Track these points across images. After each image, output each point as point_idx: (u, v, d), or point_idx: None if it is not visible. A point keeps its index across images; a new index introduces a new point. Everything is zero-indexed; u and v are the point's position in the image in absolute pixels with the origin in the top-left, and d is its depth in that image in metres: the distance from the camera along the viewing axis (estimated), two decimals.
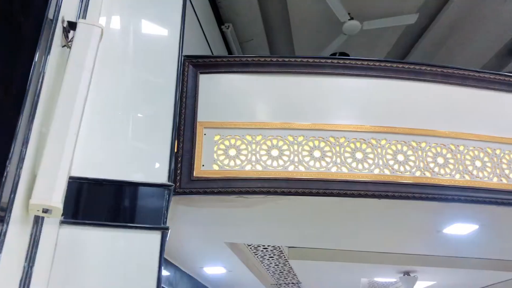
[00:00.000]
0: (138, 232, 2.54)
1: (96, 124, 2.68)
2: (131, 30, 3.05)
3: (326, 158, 2.89)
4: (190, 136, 2.90)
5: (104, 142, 2.68)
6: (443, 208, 3.02)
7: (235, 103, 3.05)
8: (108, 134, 2.70)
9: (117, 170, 2.62)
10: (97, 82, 2.73)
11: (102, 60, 2.81)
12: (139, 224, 2.54)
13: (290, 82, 3.15)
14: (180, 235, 3.66)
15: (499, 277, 5.36)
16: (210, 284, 5.57)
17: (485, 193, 2.92)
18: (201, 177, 2.82)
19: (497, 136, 3.11)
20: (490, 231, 3.49)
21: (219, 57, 3.20)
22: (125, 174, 2.62)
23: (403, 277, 4.90)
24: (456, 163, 2.97)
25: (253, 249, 4.68)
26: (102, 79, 2.78)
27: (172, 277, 4.37)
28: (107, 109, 2.75)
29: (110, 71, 2.85)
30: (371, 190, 2.82)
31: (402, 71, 3.20)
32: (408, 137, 2.99)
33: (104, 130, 2.70)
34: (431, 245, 3.89)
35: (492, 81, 3.28)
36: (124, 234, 2.53)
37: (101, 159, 2.63)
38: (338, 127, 2.98)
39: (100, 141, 2.67)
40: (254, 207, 3.03)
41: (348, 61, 3.19)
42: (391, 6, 6.31)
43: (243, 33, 7.03)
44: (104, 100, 2.76)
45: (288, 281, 5.99)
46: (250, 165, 2.86)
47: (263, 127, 2.96)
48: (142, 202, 2.60)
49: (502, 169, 3.02)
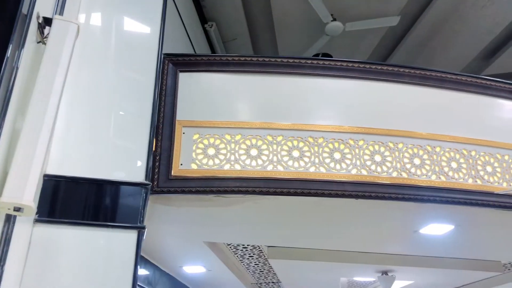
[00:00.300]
0: (114, 231, 2.52)
1: (74, 122, 2.65)
2: (112, 27, 3.02)
3: (305, 158, 2.91)
4: (168, 135, 2.89)
5: (81, 140, 2.65)
6: (419, 208, 3.05)
7: (215, 102, 3.05)
8: (85, 131, 2.67)
9: (94, 168, 2.60)
10: (77, 79, 2.71)
11: (82, 56, 2.79)
12: (115, 223, 2.52)
13: (270, 82, 3.16)
14: (159, 234, 3.64)
15: (475, 276, 5.45)
16: (190, 283, 5.56)
17: (460, 194, 2.97)
18: (179, 176, 2.81)
19: (472, 138, 3.16)
20: (465, 232, 3.54)
21: (199, 56, 3.20)
22: (102, 172, 2.60)
23: (381, 276, 4.95)
24: (432, 164, 3.01)
25: (233, 249, 4.68)
26: (82, 76, 2.75)
27: (151, 277, 4.34)
28: (86, 106, 2.72)
29: (90, 68, 2.82)
30: (348, 190, 2.84)
31: (381, 72, 3.23)
32: (385, 138, 3.03)
33: (82, 128, 2.67)
34: (408, 245, 3.93)
35: (468, 83, 3.34)
36: (100, 233, 2.51)
37: (79, 157, 2.60)
38: (317, 128, 3.00)
39: (78, 139, 2.64)
40: (233, 207, 3.03)
41: (327, 62, 3.22)
42: (374, 8, 6.37)
43: (226, 32, 7.02)
44: (83, 97, 2.73)
45: (268, 281, 6.00)
46: (229, 164, 2.85)
47: (243, 127, 2.96)
48: (118, 201, 2.58)
49: (477, 170, 3.07)
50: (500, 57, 7.18)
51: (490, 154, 3.16)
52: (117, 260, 2.45)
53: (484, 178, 3.07)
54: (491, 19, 6.40)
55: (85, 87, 2.76)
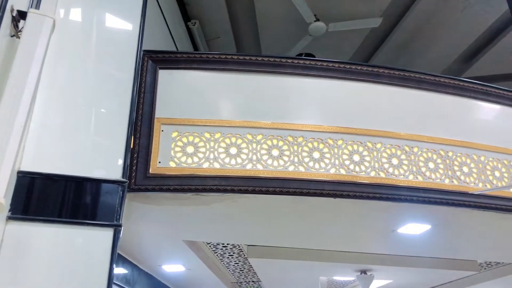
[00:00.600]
0: (89, 229, 2.48)
1: (51, 118, 2.61)
2: (92, 23, 2.98)
3: (284, 157, 2.91)
4: (147, 132, 2.87)
5: (58, 136, 2.61)
6: (397, 208, 3.08)
7: (195, 100, 3.03)
8: (62, 128, 2.63)
9: (70, 165, 2.56)
10: (54, 74, 2.67)
11: (60, 52, 2.76)
12: (90, 220, 2.49)
13: (251, 80, 3.16)
14: (137, 232, 3.61)
15: (452, 275, 5.53)
16: (170, 282, 5.52)
17: (437, 194, 3.00)
18: (157, 174, 2.79)
19: (450, 139, 3.21)
20: (442, 231, 3.59)
21: (179, 53, 3.17)
22: (78, 169, 2.56)
23: (360, 275, 4.98)
24: (410, 164, 3.04)
25: (213, 247, 4.66)
26: (60, 72, 2.72)
27: (129, 275, 4.30)
28: (63, 102, 2.69)
29: (69, 63, 2.78)
30: (326, 189, 2.85)
31: (361, 73, 3.25)
32: (364, 137, 3.05)
33: (59, 124, 2.63)
34: (386, 244, 3.97)
35: (447, 85, 3.38)
36: (75, 230, 2.47)
37: (55, 154, 2.56)
38: (297, 127, 3.01)
39: (55, 136, 2.60)
40: (212, 205, 3.02)
41: (308, 61, 3.22)
42: (356, 9, 6.42)
43: (210, 31, 7.00)
44: (61, 93, 2.70)
45: (249, 279, 6.00)
46: (208, 162, 2.84)
47: (222, 125, 2.95)
48: (94, 198, 2.54)
49: (454, 171, 3.12)
50: (479, 59, 7.30)
51: (466, 155, 3.20)
52: (92, 259, 2.42)
53: (461, 178, 3.11)
54: (471, 22, 6.50)
55: (64, 83, 2.72)
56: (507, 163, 3.28)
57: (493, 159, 3.27)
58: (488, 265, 5.30)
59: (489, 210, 3.06)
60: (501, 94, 3.49)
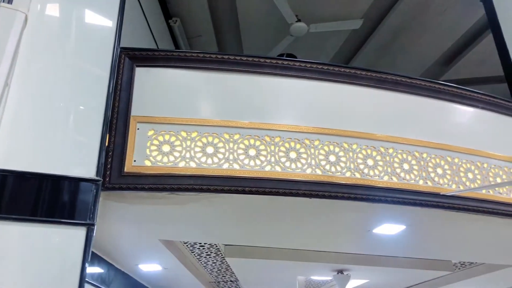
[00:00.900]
0: (62, 228, 2.45)
1: (25, 115, 2.57)
2: (70, 18, 2.94)
3: (261, 156, 2.91)
4: (122, 130, 2.84)
5: (31, 133, 2.57)
6: (372, 208, 3.11)
7: (172, 99, 3.01)
8: (36, 125, 2.59)
9: (44, 163, 2.52)
10: (29, 70, 2.63)
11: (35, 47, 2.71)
12: (63, 219, 2.46)
13: (230, 79, 3.15)
14: (113, 231, 3.57)
15: (427, 275, 5.61)
16: (147, 281, 5.48)
17: (411, 195, 3.04)
18: (132, 173, 2.76)
19: (425, 141, 3.25)
20: (416, 232, 3.63)
21: (156, 51, 3.14)
22: (51, 167, 2.53)
23: (336, 275, 5.02)
24: (385, 165, 3.08)
25: (190, 247, 4.64)
26: (35, 67, 2.67)
27: (105, 275, 4.25)
28: (38, 98, 2.64)
29: (44, 59, 2.74)
30: (302, 189, 2.86)
31: (338, 74, 3.27)
32: (340, 138, 3.07)
33: (33, 121, 2.59)
34: (362, 244, 4.00)
35: (423, 87, 3.42)
36: (47, 229, 2.44)
37: (27, 151, 2.52)
38: (275, 127, 3.01)
39: (28, 133, 2.56)
40: (188, 205, 3.00)
41: (286, 62, 3.23)
42: (338, 11, 6.47)
43: (191, 29, 6.98)
44: (36, 89, 2.65)
45: (227, 279, 5.99)
46: (184, 162, 2.82)
47: (199, 124, 2.93)
48: (67, 196, 2.51)
49: (428, 172, 3.16)
50: (458, 62, 7.42)
51: (441, 156, 3.25)
52: (64, 258, 2.39)
53: (435, 179, 3.15)
54: (449, 25, 6.62)
55: (39, 79, 2.68)
56: (480, 165, 3.34)
57: (467, 161, 3.32)
58: (462, 265, 5.39)
59: (462, 211, 3.11)
60: (476, 97, 3.56)
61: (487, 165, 3.38)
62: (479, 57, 6.99)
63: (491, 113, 3.62)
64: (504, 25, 5.22)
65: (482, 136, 3.49)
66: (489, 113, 3.61)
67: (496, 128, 3.62)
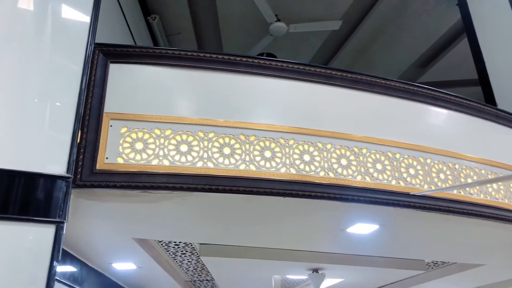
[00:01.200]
0: (31, 225, 2.42)
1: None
2: (46, 12, 2.89)
3: (236, 155, 2.90)
4: (95, 127, 2.80)
5: (1, 128, 2.51)
6: (345, 208, 3.13)
7: (146, 96, 2.98)
8: (6, 120, 2.55)
9: (14, 159, 2.48)
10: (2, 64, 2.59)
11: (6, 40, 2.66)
12: (31, 216, 2.43)
13: (205, 77, 3.13)
14: (85, 229, 3.52)
15: (401, 275, 5.68)
16: (121, 280, 5.42)
17: (384, 194, 3.08)
18: (104, 170, 2.73)
19: (398, 141, 3.28)
20: (389, 231, 3.67)
21: (131, 47, 3.10)
22: (20, 163, 2.49)
23: (311, 274, 5.04)
24: (358, 165, 3.10)
25: (165, 246, 4.61)
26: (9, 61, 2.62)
27: (77, 273, 4.19)
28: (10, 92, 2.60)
29: (15, 53, 2.69)
30: (276, 188, 2.87)
31: (314, 74, 3.28)
32: (315, 138, 3.08)
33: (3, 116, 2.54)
34: (336, 243, 4.03)
35: (397, 89, 3.46)
36: (15, 227, 2.41)
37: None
38: (250, 125, 3.00)
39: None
40: (161, 203, 2.98)
41: (262, 61, 3.23)
42: (317, 12, 6.52)
43: (170, 26, 6.94)
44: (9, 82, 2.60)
45: (202, 278, 5.97)
46: (157, 159, 2.80)
47: (174, 122, 2.91)
48: (37, 194, 2.47)
49: (401, 172, 3.20)
50: (435, 65, 7.55)
51: (413, 157, 3.29)
52: (32, 256, 2.36)
53: (407, 180, 3.20)
54: (426, 29, 6.73)
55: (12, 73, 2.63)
56: (452, 166, 3.40)
57: (439, 161, 3.37)
58: (435, 264, 5.47)
59: (433, 211, 3.16)
60: (449, 99, 3.61)
61: (458, 166, 3.44)
62: (455, 60, 7.12)
63: (464, 115, 3.68)
64: (479, 29, 5.33)
65: (455, 138, 3.55)
66: (461, 115, 3.68)
67: (469, 130, 3.69)
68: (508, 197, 3.52)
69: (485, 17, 5.27)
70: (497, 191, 3.49)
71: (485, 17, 5.28)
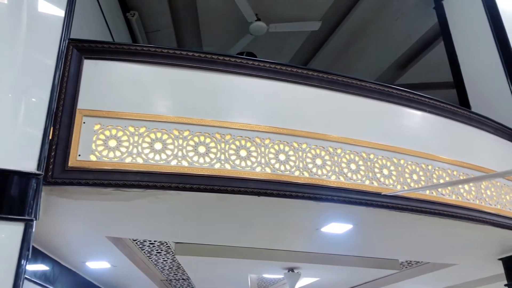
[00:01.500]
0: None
1: None
2: (21, 6, 2.84)
3: (211, 154, 2.89)
4: (67, 124, 2.76)
5: None
6: (319, 207, 3.15)
7: (120, 93, 2.95)
8: None
9: None
10: None
11: None
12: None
13: (180, 75, 3.11)
14: (57, 227, 3.46)
15: (375, 274, 5.75)
16: (95, 279, 5.34)
17: (357, 194, 3.11)
18: (76, 168, 2.69)
19: (372, 142, 3.32)
20: (363, 231, 3.71)
21: (106, 43, 3.07)
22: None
23: (287, 273, 5.06)
24: (333, 165, 3.13)
25: (139, 244, 4.57)
26: None
27: (49, 272, 4.11)
28: None
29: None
30: (251, 187, 2.87)
31: (291, 74, 3.30)
32: (290, 137, 3.09)
33: None
34: (311, 243, 4.05)
35: (372, 90, 3.50)
36: None
37: None
38: (226, 124, 3.00)
39: None
40: (134, 201, 2.95)
41: (239, 59, 3.22)
42: (297, 12, 6.54)
43: (150, 23, 6.87)
44: None
45: (179, 277, 5.94)
46: (130, 157, 2.77)
47: (148, 119, 2.89)
48: (4, 191, 2.43)
49: (374, 172, 3.23)
50: (412, 67, 7.65)
51: (387, 158, 3.33)
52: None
53: (381, 180, 3.23)
54: (404, 31, 6.81)
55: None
56: (425, 167, 3.45)
57: (412, 162, 3.42)
58: (409, 264, 5.56)
59: (405, 211, 3.21)
60: (423, 101, 3.67)
61: (431, 167, 3.49)
62: (433, 63, 7.22)
63: (438, 117, 3.75)
64: (455, 33, 5.43)
65: (428, 139, 3.61)
66: (435, 116, 3.74)
67: (442, 132, 3.75)
68: (479, 198, 3.59)
69: (461, 21, 5.37)
70: (469, 192, 3.56)
71: (460, 21, 5.37)
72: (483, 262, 4.62)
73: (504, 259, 4.34)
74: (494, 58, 4.73)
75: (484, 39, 4.90)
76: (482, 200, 3.60)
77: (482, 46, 4.93)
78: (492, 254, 4.32)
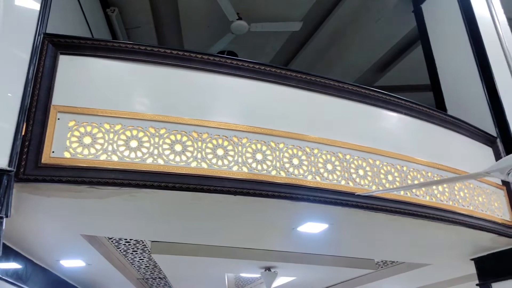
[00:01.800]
0: None
1: None
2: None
3: (187, 152, 2.88)
4: (41, 120, 2.71)
5: None
6: (295, 207, 3.17)
7: (96, 89, 2.91)
8: None
9: None
10: None
11: None
12: None
13: (158, 73, 3.10)
14: (30, 225, 3.40)
15: (351, 274, 5.81)
16: (70, 278, 5.27)
17: (333, 194, 3.14)
18: (50, 164, 2.65)
19: (349, 143, 3.35)
20: (338, 230, 3.74)
21: (83, 39, 3.02)
22: None
23: (264, 272, 5.07)
24: (309, 165, 3.15)
25: (115, 243, 4.52)
26: None
27: (22, 270, 4.04)
28: None
29: None
30: (227, 186, 2.87)
31: (269, 74, 3.31)
32: (268, 137, 3.10)
33: None
34: (288, 242, 4.07)
35: (349, 91, 3.54)
36: None
37: None
38: (203, 123, 2.99)
39: None
40: (109, 199, 2.92)
41: (218, 58, 3.22)
42: (279, 12, 6.55)
43: (130, 20, 6.80)
44: None
45: (155, 276, 5.90)
46: (105, 155, 2.75)
47: (124, 117, 2.86)
48: None
49: (350, 173, 3.27)
50: (391, 70, 7.73)
51: (363, 158, 3.37)
52: None
53: (356, 180, 3.27)
54: (384, 34, 6.88)
55: None
56: (400, 168, 3.50)
57: (388, 163, 3.47)
58: (384, 263, 5.62)
59: (380, 211, 3.25)
60: (399, 103, 3.72)
61: (406, 168, 3.54)
62: (412, 66, 7.31)
63: (413, 119, 3.81)
64: (432, 37, 5.51)
65: (404, 140, 3.66)
66: (411, 118, 3.80)
67: (418, 134, 3.81)
68: (452, 199, 3.66)
69: (438, 25, 5.45)
70: (442, 193, 3.62)
71: (438, 25, 5.46)
72: (456, 262, 4.71)
73: (476, 259, 4.42)
74: (470, 62, 4.82)
75: (460, 43, 4.98)
76: (455, 201, 3.67)
77: (459, 50, 5.02)
78: (465, 254, 4.40)
